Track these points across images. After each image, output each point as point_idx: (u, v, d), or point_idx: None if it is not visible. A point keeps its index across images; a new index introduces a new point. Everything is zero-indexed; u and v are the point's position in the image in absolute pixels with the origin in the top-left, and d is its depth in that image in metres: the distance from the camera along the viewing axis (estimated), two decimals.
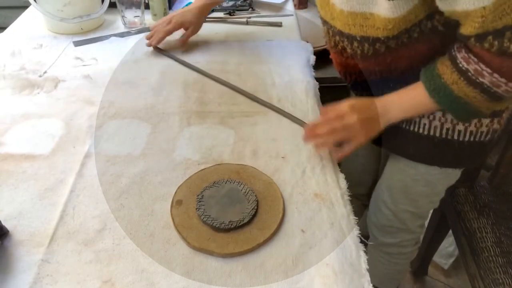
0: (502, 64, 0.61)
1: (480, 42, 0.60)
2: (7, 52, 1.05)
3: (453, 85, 0.66)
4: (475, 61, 0.63)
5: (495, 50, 0.59)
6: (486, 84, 0.63)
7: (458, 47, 0.66)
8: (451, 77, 0.66)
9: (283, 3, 1.32)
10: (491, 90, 0.64)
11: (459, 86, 0.65)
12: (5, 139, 0.79)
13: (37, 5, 1.08)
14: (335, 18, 0.75)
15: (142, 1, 1.15)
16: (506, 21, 0.56)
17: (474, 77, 0.63)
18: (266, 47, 1.10)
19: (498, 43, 0.59)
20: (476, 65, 0.63)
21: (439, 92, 0.68)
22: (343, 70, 0.89)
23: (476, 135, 0.78)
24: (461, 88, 0.65)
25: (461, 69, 0.64)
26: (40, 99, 0.89)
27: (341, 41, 0.78)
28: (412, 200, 0.92)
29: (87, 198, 0.67)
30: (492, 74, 0.62)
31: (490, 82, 0.63)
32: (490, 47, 0.60)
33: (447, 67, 0.66)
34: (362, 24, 0.70)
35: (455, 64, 0.65)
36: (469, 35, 0.61)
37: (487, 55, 0.61)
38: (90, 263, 0.58)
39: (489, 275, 0.93)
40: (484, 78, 0.63)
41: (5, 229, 0.61)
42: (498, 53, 0.59)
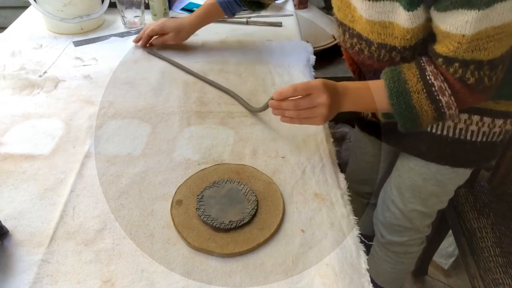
0: (460, 90, 0.65)
1: (447, 65, 0.64)
2: (7, 52, 1.05)
3: (414, 94, 0.67)
4: (441, 79, 0.66)
5: (457, 76, 0.64)
6: (442, 104, 0.66)
7: (427, 60, 0.68)
8: (416, 86, 0.67)
9: (283, 3, 1.32)
10: (442, 110, 0.67)
11: (419, 96, 0.67)
12: (5, 139, 0.79)
13: (37, 5, 1.08)
14: (355, 22, 0.76)
15: (142, 1, 1.15)
16: (475, 56, 0.61)
17: (436, 93, 0.66)
18: (266, 47, 1.10)
19: (462, 72, 0.63)
20: (441, 82, 0.66)
21: (399, 97, 0.68)
22: (357, 69, 0.89)
23: (488, 136, 0.79)
24: (420, 100, 0.67)
25: (427, 82, 0.66)
26: (40, 99, 0.89)
27: (359, 44, 0.78)
28: (422, 199, 0.92)
29: (87, 198, 0.67)
30: (450, 95, 0.66)
31: (446, 103, 0.66)
32: (454, 72, 0.64)
33: (414, 75, 0.68)
34: (380, 32, 0.71)
35: (423, 75, 0.67)
36: (440, 54, 0.64)
37: (451, 78, 0.65)
38: (90, 263, 0.58)
39: (489, 275, 0.93)
40: (443, 97, 0.66)
41: (5, 229, 0.61)
42: (459, 80, 0.64)
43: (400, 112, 0.69)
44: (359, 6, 0.71)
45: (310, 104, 0.69)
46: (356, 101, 0.73)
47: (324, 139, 0.80)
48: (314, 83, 0.69)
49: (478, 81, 0.64)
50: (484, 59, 0.61)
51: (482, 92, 0.66)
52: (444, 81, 0.66)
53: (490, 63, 0.62)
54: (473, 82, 0.64)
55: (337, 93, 0.70)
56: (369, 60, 0.79)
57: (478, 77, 0.63)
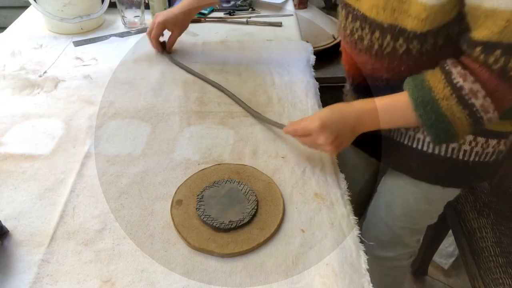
0: (498, 87, 0.57)
1: (487, 53, 0.56)
2: (7, 52, 1.05)
3: (443, 101, 0.60)
4: (471, 79, 0.58)
5: (497, 68, 0.56)
6: (476, 107, 0.59)
7: (452, 62, 0.61)
8: (443, 92, 0.60)
9: (283, 3, 1.32)
10: (478, 114, 0.59)
11: (449, 103, 0.60)
12: (5, 139, 0.79)
13: (37, 5, 1.08)
14: (362, 0, 0.68)
15: (142, 1, 1.15)
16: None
17: (467, 97, 0.59)
18: (266, 47, 1.10)
19: (504, 60, 0.55)
20: (472, 84, 0.58)
21: (426, 107, 0.61)
22: (351, 69, 0.83)
23: (481, 156, 0.76)
24: (450, 106, 0.60)
25: (455, 85, 0.59)
26: (40, 99, 0.89)
27: (361, 28, 0.71)
28: (412, 218, 0.89)
29: (87, 198, 0.67)
30: (485, 97, 0.58)
31: (481, 106, 0.59)
32: (494, 63, 0.56)
33: (439, 81, 0.61)
34: (395, 8, 0.63)
35: (449, 78, 0.60)
36: (481, 40, 0.56)
37: (486, 73, 0.57)
38: (90, 263, 0.58)
39: (489, 275, 0.93)
40: (476, 100, 0.58)
41: (5, 229, 0.61)
42: (499, 73, 0.56)
43: (430, 123, 0.62)
44: None
45: (313, 144, 0.69)
46: (378, 121, 0.67)
47: None
48: (311, 126, 0.66)
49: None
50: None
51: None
52: (475, 81, 0.58)
53: None
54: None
55: (345, 124, 0.67)
56: (365, 55, 0.72)
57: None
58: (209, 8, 1.28)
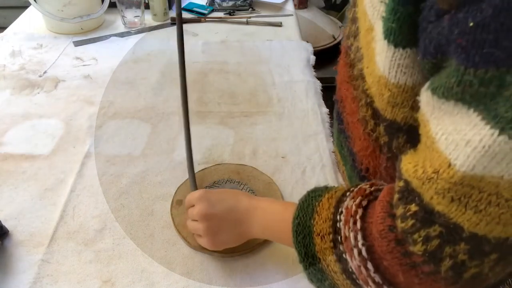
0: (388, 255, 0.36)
1: (400, 202, 0.35)
2: (7, 52, 1.05)
3: (317, 238, 0.42)
4: (354, 226, 0.39)
5: (400, 231, 0.35)
6: (350, 265, 0.39)
7: (360, 189, 0.42)
8: (322, 226, 0.42)
9: (283, 3, 1.32)
10: (353, 276, 0.39)
11: (324, 245, 0.41)
12: (5, 139, 0.78)
13: (37, 5, 1.08)
14: None
15: (142, 1, 1.15)
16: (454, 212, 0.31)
17: (340, 248, 0.40)
18: (266, 47, 1.10)
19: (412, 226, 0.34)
20: (351, 232, 0.39)
21: (299, 234, 0.44)
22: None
23: None
24: (324, 250, 0.41)
25: (335, 224, 0.41)
26: (40, 99, 0.89)
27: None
28: None
29: (87, 198, 0.67)
30: (365, 259, 0.37)
31: (356, 268, 0.38)
32: (401, 219, 0.35)
33: (328, 207, 0.43)
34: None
35: (336, 210, 0.42)
36: (405, 178, 0.35)
37: (381, 228, 0.36)
38: (90, 263, 0.58)
39: None
40: (351, 257, 0.38)
41: (5, 229, 0.61)
42: (399, 240, 0.35)
43: (301, 259, 0.44)
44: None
45: (190, 221, 0.57)
46: (266, 226, 0.53)
47: (324, 139, 0.80)
48: (195, 194, 0.56)
49: (430, 254, 0.33)
50: (464, 227, 0.31)
51: (429, 276, 0.35)
52: (360, 230, 0.38)
53: (474, 239, 0.32)
54: (420, 252, 0.34)
55: (220, 214, 0.54)
56: (343, 68, 0.52)
57: (435, 250, 0.33)
58: (209, 8, 1.28)
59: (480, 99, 0.28)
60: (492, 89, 0.27)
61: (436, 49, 0.31)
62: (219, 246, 0.56)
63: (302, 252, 0.44)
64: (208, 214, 0.54)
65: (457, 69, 0.28)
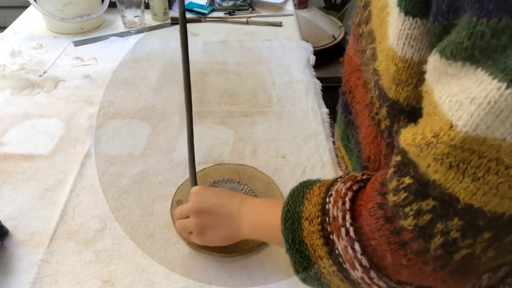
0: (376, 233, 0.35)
1: (395, 175, 0.35)
2: (7, 52, 1.05)
3: (305, 222, 0.42)
4: (343, 206, 0.39)
5: (391, 205, 0.35)
6: (336, 246, 0.38)
7: (351, 176, 0.42)
8: (311, 210, 0.42)
9: (283, 3, 1.32)
10: (340, 259, 0.38)
11: (311, 228, 0.41)
12: (5, 139, 0.79)
13: (37, 5, 1.08)
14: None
15: (142, 1, 1.15)
16: (450, 182, 0.30)
17: (327, 227, 0.39)
18: (266, 47, 1.10)
19: (405, 198, 0.33)
20: (339, 211, 0.39)
21: (287, 221, 0.44)
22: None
23: None
24: (312, 234, 0.41)
25: (324, 206, 0.41)
26: (40, 99, 0.89)
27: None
28: None
29: (87, 198, 0.67)
30: (352, 239, 0.37)
31: (342, 249, 0.38)
32: (394, 192, 0.34)
33: (318, 193, 0.43)
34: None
35: (326, 194, 0.42)
36: (401, 148, 0.34)
37: (372, 207, 0.36)
38: (90, 263, 0.58)
39: None
40: (338, 238, 0.38)
41: (5, 229, 0.61)
42: (388, 217, 0.35)
43: (288, 246, 0.43)
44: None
45: (181, 221, 0.58)
46: (257, 222, 0.52)
47: (324, 139, 0.80)
48: (184, 206, 0.57)
49: (420, 230, 0.33)
50: (460, 197, 0.30)
51: (419, 256, 0.34)
52: (349, 210, 0.38)
53: (469, 213, 0.30)
54: (411, 226, 0.33)
55: (214, 208, 0.54)
56: (353, 58, 0.52)
57: (426, 225, 0.32)
58: (209, 8, 1.28)
59: (490, 53, 0.27)
60: (504, 40, 0.26)
61: (449, 5, 0.30)
62: (210, 241, 0.56)
63: (289, 239, 0.43)
64: (200, 207, 0.55)
65: (469, 21, 0.27)
